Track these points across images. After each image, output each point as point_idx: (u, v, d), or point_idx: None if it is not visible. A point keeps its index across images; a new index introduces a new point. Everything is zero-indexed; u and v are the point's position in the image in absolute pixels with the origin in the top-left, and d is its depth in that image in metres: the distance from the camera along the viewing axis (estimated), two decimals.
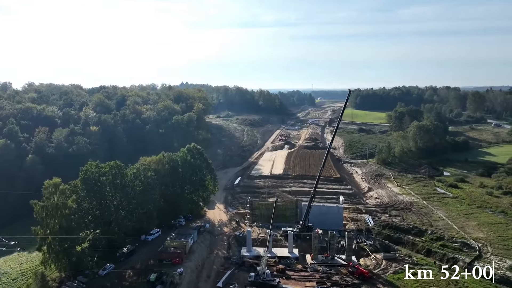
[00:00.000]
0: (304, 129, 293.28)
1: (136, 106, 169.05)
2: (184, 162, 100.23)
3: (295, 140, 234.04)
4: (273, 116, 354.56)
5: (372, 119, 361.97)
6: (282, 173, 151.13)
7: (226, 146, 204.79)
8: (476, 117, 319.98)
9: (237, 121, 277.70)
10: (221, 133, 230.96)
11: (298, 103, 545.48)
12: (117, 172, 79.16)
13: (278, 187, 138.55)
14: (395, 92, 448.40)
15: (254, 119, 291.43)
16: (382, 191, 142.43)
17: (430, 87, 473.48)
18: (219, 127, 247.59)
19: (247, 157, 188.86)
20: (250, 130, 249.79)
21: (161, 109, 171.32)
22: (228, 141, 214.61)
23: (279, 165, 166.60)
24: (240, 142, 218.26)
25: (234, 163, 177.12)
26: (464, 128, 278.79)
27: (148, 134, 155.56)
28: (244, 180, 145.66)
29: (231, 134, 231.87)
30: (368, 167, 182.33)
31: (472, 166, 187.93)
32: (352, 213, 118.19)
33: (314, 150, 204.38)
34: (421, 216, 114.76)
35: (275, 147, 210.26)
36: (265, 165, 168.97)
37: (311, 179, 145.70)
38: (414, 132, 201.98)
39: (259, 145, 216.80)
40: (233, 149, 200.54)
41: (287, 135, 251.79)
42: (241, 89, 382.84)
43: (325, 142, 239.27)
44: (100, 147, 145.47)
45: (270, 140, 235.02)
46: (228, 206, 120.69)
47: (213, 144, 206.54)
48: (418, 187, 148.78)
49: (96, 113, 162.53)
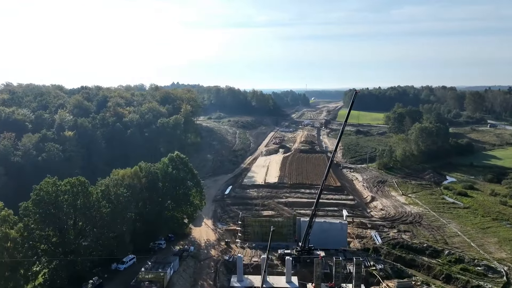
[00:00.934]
0: (299, 131, 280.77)
1: (117, 108, 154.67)
2: (165, 174, 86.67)
3: (290, 144, 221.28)
4: (267, 117, 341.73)
5: (368, 120, 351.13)
6: (277, 182, 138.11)
7: (217, 150, 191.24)
8: (476, 117, 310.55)
9: (229, 123, 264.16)
10: (211, 136, 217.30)
11: (292, 103, 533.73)
12: (80, 191, 65.36)
13: (273, 197, 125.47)
14: (391, 92, 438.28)
15: (247, 121, 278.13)
16: (386, 201, 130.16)
17: (427, 87, 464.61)
18: (209, 129, 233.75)
19: (239, 162, 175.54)
20: (242, 133, 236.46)
21: (145, 112, 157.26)
22: (219, 145, 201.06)
23: (274, 172, 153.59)
24: (232, 146, 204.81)
25: (225, 170, 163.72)
26: (465, 129, 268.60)
27: (130, 139, 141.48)
28: (236, 190, 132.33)
29: (222, 138, 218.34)
30: (369, 173, 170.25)
31: (478, 170, 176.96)
32: (356, 228, 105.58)
33: (311, 155, 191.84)
34: (433, 231, 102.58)
35: (269, 151, 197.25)
36: (259, 172, 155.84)
37: (308, 188, 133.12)
38: (416, 134, 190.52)
39: (252, 149, 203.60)
40: (224, 153, 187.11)
41: (282, 138, 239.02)
42: (233, 90, 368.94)
43: (321, 145, 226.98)
44: (75, 154, 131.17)
45: (263, 144, 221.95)
46: (217, 221, 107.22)
47: (202, 148, 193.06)
48: (425, 196, 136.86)
49: (73, 116, 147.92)
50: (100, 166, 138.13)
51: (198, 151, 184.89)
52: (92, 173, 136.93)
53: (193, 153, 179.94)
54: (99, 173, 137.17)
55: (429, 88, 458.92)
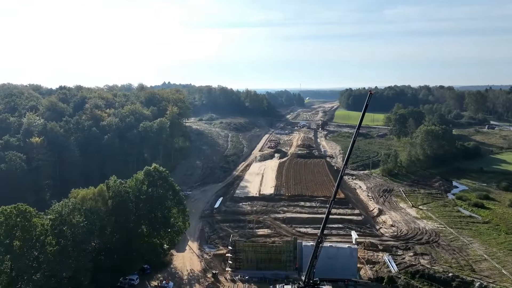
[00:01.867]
0: (295, 133, 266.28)
1: (95, 110, 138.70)
2: (139, 193, 71.33)
3: (286, 147, 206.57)
4: (261, 118, 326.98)
5: (367, 121, 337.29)
6: (274, 193, 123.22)
7: (207, 156, 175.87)
8: (479, 118, 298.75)
9: (220, 125, 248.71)
10: (201, 140, 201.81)
11: (287, 103, 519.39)
12: (19, 224, 49.89)
13: (269, 212, 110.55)
14: (388, 92, 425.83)
15: (240, 123, 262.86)
16: (396, 215, 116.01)
17: (425, 86, 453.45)
18: (199, 132, 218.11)
19: (231, 170, 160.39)
20: (235, 136, 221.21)
21: (125, 114, 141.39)
22: (210, 150, 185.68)
23: (269, 181, 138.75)
24: (224, 150, 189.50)
25: (216, 178, 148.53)
26: (469, 131, 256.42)
27: (107, 146, 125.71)
28: (227, 203, 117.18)
29: (213, 141, 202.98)
30: (373, 180, 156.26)
31: (489, 177, 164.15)
32: (366, 250, 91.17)
33: (309, 160, 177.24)
34: (455, 254, 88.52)
35: (263, 157, 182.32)
36: (253, 180, 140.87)
37: (309, 201, 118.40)
38: (422, 138, 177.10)
39: (245, 154, 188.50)
40: (215, 159, 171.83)
41: (277, 141, 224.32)
42: (225, 89, 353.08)
43: (319, 149, 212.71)
44: (44, 164, 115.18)
45: (258, 148, 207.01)
46: (204, 243, 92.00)
47: (191, 153, 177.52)
48: (438, 208, 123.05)
49: (44, 119, 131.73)
50: (74, 177, 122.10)
51: (187, 157, 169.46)
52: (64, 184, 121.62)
53: (180, 160, 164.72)
54: (73, 185, 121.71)
55: (427, 88, 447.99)
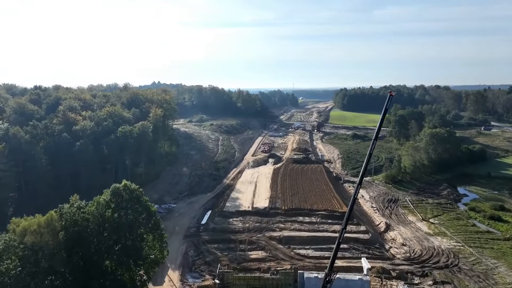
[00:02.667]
0: (290, 135, 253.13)
1: (68, 113, 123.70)
2: (102, 220, 57.22)
3: (281, 152, 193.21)
4: (254, 119, 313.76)
5: (363, 122, 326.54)
6: (269, 206, 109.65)
7: (195, 162, 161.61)
8: (479, 119, 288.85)
9: (211, 127, 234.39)
10: (190, 144, 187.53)
11: (280, 103, 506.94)
12: None
13: (263, 230, 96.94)
14: (384, 92, 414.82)
15: (232, 125, 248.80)
16: (405, 230, 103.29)
17: (421, 86, 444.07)
18: (188, 136, 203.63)
19: (221, 177, 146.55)
20: (226, 139, 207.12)
21: (103, 117, 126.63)
22: (198, 155, 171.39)
23: (264, 191, 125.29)
24: (214, 155, 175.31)
25: (204, 188, 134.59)
26: (471, 132, 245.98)
27: (80, 153, 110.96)
28: (215, 218, 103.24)
29: (203, 145, 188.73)
30: (376, 188, 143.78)
31: (499, 183, 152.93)
32: (377, 277, 78.07)
33: (306, 165, 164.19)
34: (480, 282, 75.84)
35: (257, 162, 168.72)
36: (245, 190, 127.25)
37: (308, 215, 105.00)
38: (427, 141, 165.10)
39: (237, 160, 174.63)
40: (204, 166, 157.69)
41: (271, 145, 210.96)
42: (216, 89, 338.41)
43: (316, 153, 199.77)
44: (5, 175, 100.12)
45: (250, 152, 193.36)
46: (188, 271, 78.07)
47: (178, 160, 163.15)
48: (451, 222, 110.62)
49: (10, 123, 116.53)
50: (42, 189, 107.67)
51: (173, 164, 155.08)
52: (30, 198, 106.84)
53: (166, 166, 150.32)
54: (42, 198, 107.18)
55: (423, 88, 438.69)
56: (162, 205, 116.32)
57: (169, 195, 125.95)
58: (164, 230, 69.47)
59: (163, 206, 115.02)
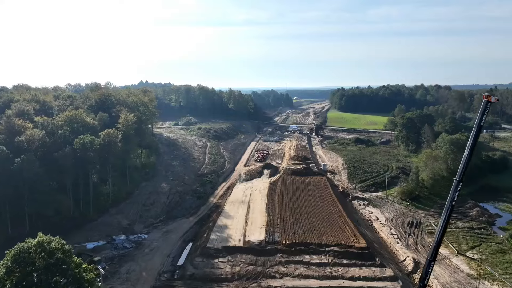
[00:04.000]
0: (287, 140, 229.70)
1: (13, 119, 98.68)
2: None
3: (277, 160, 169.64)
4: (246, 122, 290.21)
5: (364, 124, 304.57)
6: (265, 240, 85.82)
7: (178, 175, 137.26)
8: (489, 121, 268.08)
9: (198, 132, 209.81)
10: (173, 153, 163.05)
11: (274, 104, 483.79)
12: None
13: (258, 276, 73.27)
14: (384, 92, 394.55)
15: (222, 129, 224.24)
16: (441, 271, 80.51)
17: (421, 85, 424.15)
18: (171, 142, 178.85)
19: (207, 195, 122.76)
20: (215, 146, 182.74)
21: (59, 124, 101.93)
22: (182, 167, 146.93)
23: (258, 215, 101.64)
24: (200, 166, 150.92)
25: (186, 210, 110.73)
26: (484, 136, 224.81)
27: (22, 172, 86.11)
28: (196, 259, 79.09)
29: (188, 154, 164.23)
30: (391, 207, 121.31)
31: None
32: None
33: (307, 178, 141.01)
34: None
35: (250, 174, 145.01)
36: (235, 214, 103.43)
37: (317, 253, 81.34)
38: (446, 150, 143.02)
39: (226, 171, 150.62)
40: (188, 180, 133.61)
41: (266, 152, 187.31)
42: (206, 89, 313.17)
43: (317, 160, 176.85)
44: None
45: (242, 161, 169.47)
46: None
47: (157, 172, 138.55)
48: (495, 256, 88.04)
49: None
50: None
51: (150, 178, 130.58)
52: None
53: (141, 182, 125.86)
54: None
55: (424, 87, 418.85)
56: (131, 236, 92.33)
57: (141, 221, 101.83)
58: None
59: (131, 238, 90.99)
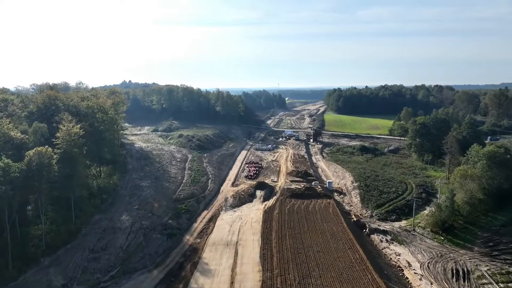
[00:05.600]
0: (282, 148, 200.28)
1: None
2: None
3: (272, 177, 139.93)
4: (236, 126, 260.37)
5: (365, 129, 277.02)
6: None
7: (145, 201, 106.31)
8: (504, 125, 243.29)
9: (179, 140, 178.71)
10: (143, 169, 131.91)
11: (266, 105, 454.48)
12: None
13: None
14: (384, 92, 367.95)
15: (207, 136, 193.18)
16: None
17: (422, 86, 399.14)
18: (143, 155, 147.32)
19: (181, 231, 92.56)
20: (197, 159, 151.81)
21: None
22: (153, 188, 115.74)
23: (250, 268, 72.11)
24: (176, 188, 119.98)
25: (149, 257, 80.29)
26: (503, 142, 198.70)
27: None
28: None
29: (162, 171, 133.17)
30: (422, 244, 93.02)
31: None
32: None
33: (311, 202, 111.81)
34: None
35: (239, 198, 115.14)
36: (217, 270, 73.64)
37: None
38: (483, 166, 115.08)
39: (209, 194, 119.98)
40: (157, 208, 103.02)
41: (259, 165, 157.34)
42: (191, 90, 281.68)
43: (319, 176, 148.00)
44: None
45: (230, 178, 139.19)
46: None
47: (119, 198, 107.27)
48: None
49: None
50: None
51: (108, 209, 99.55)
52: None
53: (93, 214, 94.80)
54: None
55: (425, 88, 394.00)
56: None
57: (84, 279, 71.31)
58: None
59: None
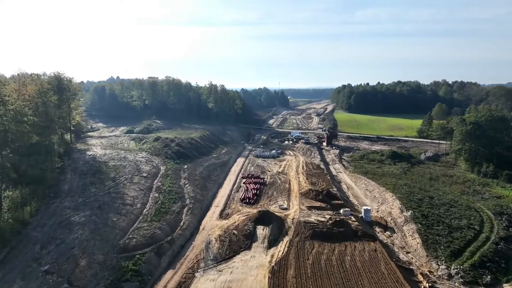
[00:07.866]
0: (289, 154, 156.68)
1: None
2: None
3: (280, 200, 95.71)
4: (232, 126, 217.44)
5: (385, 130, 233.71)
6: None
7: (66, 255, 62.38)
8: None
9: (153, 145, 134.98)
10: (88, 190, 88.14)
11: (267, 104, 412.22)
12: None
13: None
14: (402, 88, 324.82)
15: (191, 140, 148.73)
16: None
17: (444, 82, 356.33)
18: (94, 168, 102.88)
19: None
20: (172, 173, 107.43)
21: None
22: (88, 228, 71.34)
23: None
24: (129, 226, 75.41)
25: None
26: None
27: None
28: None
29: (115, 193, 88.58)
30: None
31: None
32: None
33: (344, 246, 68.09)
34: None
35: (229, 241, 71.16)
36: None
37: None
38: None
39: (179, 237, 74.74)
40: (81, 272, 58.99)
41: (260, 180, 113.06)
42: (178, 83, 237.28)
43: (347, 197, 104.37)
44: None
45: (217, 204, 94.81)
46: None
47: (21, 251, 63.63)
48: None
49: None
50: None
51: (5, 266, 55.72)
52: None
53: None
54: None
55: (447, 84, 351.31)
56: None
57: None
58: None
59: None
